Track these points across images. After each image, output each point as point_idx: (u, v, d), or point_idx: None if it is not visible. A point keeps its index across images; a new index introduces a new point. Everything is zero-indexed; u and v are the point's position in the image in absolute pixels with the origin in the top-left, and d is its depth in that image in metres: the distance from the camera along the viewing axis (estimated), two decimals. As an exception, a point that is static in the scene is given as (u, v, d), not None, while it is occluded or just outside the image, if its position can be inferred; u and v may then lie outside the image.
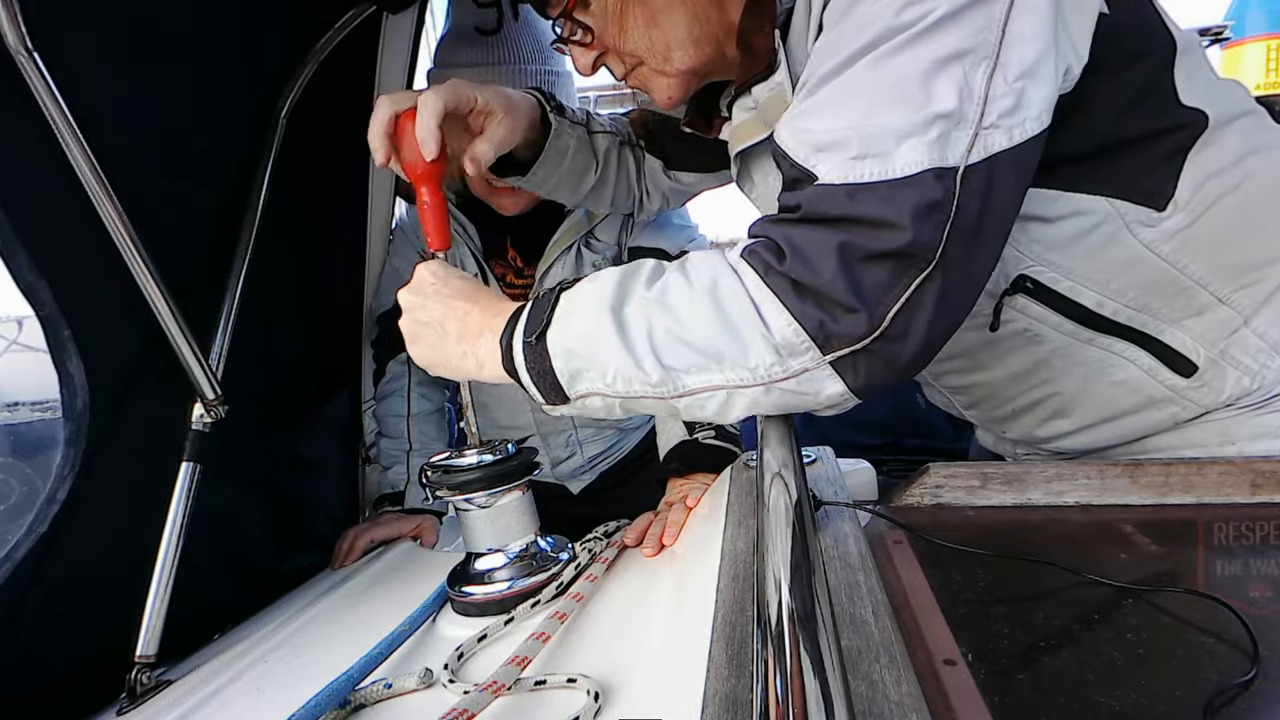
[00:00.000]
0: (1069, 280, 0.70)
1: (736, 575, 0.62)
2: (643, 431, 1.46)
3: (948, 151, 0.53)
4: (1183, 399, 0.73)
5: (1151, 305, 0.70)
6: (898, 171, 0.54)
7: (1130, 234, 0.67)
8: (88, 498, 0.76)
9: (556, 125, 0.93)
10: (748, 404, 0.60)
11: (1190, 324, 0.70)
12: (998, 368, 0.79)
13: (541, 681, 0.63)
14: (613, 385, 0.61)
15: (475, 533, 0.80)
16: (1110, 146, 0.66)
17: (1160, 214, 0.67)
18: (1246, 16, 4.54)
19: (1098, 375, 0.74)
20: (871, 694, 0.41)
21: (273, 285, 0.98)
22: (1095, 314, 0.71)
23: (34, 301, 0.71)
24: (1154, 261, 0.68)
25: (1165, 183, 0.66)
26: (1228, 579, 0.59)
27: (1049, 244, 0.69)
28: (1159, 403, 0.74)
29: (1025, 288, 0.71)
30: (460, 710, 0.56)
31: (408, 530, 1.17)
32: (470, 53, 1.13)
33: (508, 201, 1.22)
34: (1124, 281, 0.69)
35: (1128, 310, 0.70)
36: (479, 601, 0.78)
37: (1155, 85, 0.66)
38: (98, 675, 0.76)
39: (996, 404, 0.84)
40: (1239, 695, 0.44)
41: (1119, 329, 0.71)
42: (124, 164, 0.73)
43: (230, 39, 0.93)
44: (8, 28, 0.63)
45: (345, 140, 1.16)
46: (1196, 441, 0.75)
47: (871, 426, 1.99)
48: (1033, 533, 0.68)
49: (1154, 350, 0.71)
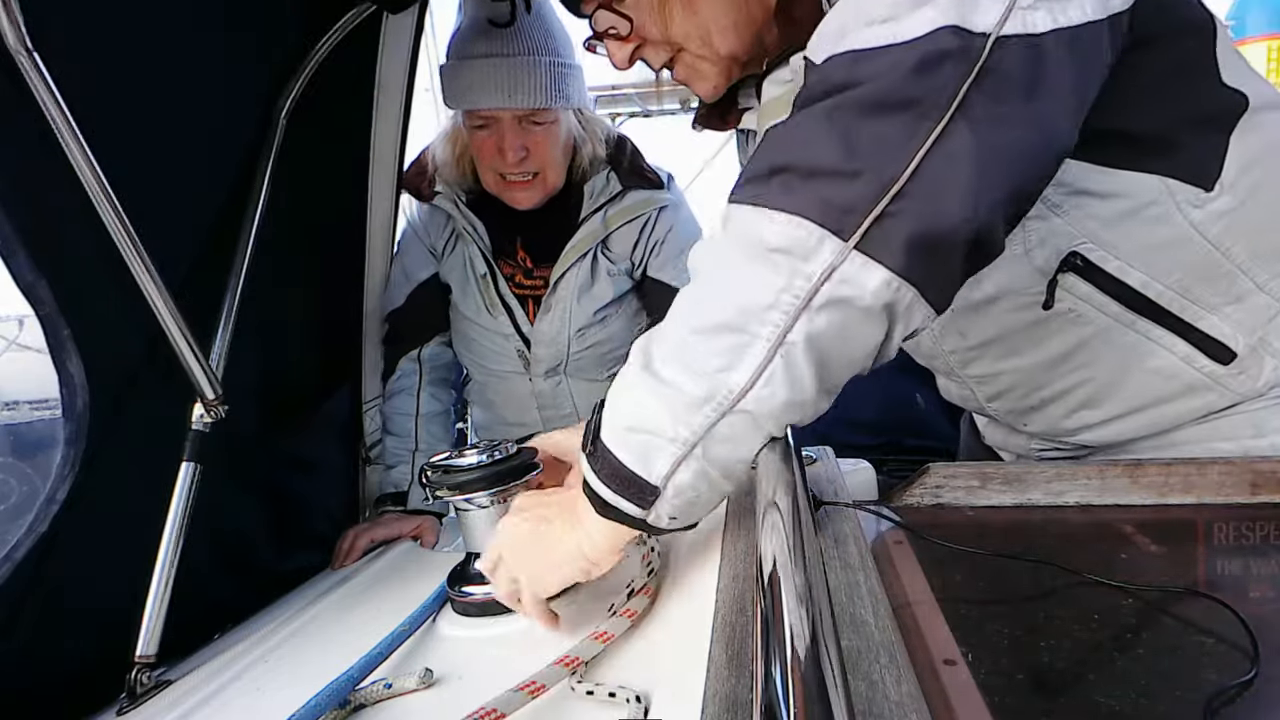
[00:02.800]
0: (1117, 259, 0.69)
1: (736, 575, 0.62)
2: None
3: (973, 17, 0.49)
4: (1220, 386, 0.72)
5: (1193, 290, 0.69)
6: (910, 33, 0.49)
7: (1180, 214, 0.67)
8: (88, 498, 0.76)
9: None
10: (805, 354, 0.51)
11: (1229, 310, 0.70)
12: (1033, 352, 0.78)
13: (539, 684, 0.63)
14: (678, 436, 0.53)
15: (475, 533, 0.80)
16: (1161, 123, 0.66)
17: (1208, 194, 0.66)
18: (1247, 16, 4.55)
19: (1133, 361, 0.73)
20: (871, 694, 0.41)
21: (273, 285, 0.98)
22: (1140, 295, 0.70)
23: (34, 301, 0.71)
24: (1200, 244, 0.68)
25: (1210, 163, 0.66)
26: (1228, 579, 0.59)
27: (1102, 221, 0.68)
28: (1195, 390, 0.73)
29: (1076, 265, 0.70)
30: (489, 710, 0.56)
31: (408, 530, 1.17)
32: (484, 44, 1.14)
33: (522, 195, 1.23)
34: (1170, 263, 0.69)
35: (1170, 293, 0.70)
36: (479, 601, 0.78)
37: (1200, 62, 0.66)
38: (98, 675, 0.76)
39: (1024, 393, 0.83)
40: (1239, 695, 0.44)
41: (1159, 313, 0.71)
42: (124, 164, 0.73)
43: (230, 39, 0.93)
44: (8, 28, 0.63)
45: (346, 140, 1.16)
46: (1226, 434, 0.74)
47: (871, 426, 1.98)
48: (1033, 533, 0.68)
49: (1191, 338, 0.71)
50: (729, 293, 0.52)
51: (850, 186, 0.48)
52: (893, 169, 0.48)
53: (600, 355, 1.36)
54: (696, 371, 0.53)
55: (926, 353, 0.89)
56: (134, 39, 0.79)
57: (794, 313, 0.50)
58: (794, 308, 0.50)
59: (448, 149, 1.27)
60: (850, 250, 0.48)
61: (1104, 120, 0.59)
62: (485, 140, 1.19)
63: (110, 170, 0.71)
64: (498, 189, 1.24)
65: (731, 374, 0.52)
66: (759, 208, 0.51)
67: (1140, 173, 0.67)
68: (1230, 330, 0.70)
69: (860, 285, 0.49)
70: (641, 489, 0.56)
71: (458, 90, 1.17)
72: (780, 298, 0.50)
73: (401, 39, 1.16)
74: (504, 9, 1.13)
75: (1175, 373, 0.73)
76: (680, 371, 0.53)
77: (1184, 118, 0.66)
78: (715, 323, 0.52)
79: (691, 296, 0.56)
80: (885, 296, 0.50)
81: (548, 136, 1.20)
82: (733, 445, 0.54)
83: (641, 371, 0.56)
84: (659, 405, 0.54)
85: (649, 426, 0.55)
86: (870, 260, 0.49)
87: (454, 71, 1.17)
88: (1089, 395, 0.78)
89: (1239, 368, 0.71)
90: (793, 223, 0.49)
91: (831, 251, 0.49)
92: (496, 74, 1.13)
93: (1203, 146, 0.67)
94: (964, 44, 0.49)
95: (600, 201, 1.28)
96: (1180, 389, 0.74)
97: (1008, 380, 0.83)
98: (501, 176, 1.21)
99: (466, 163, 1.28)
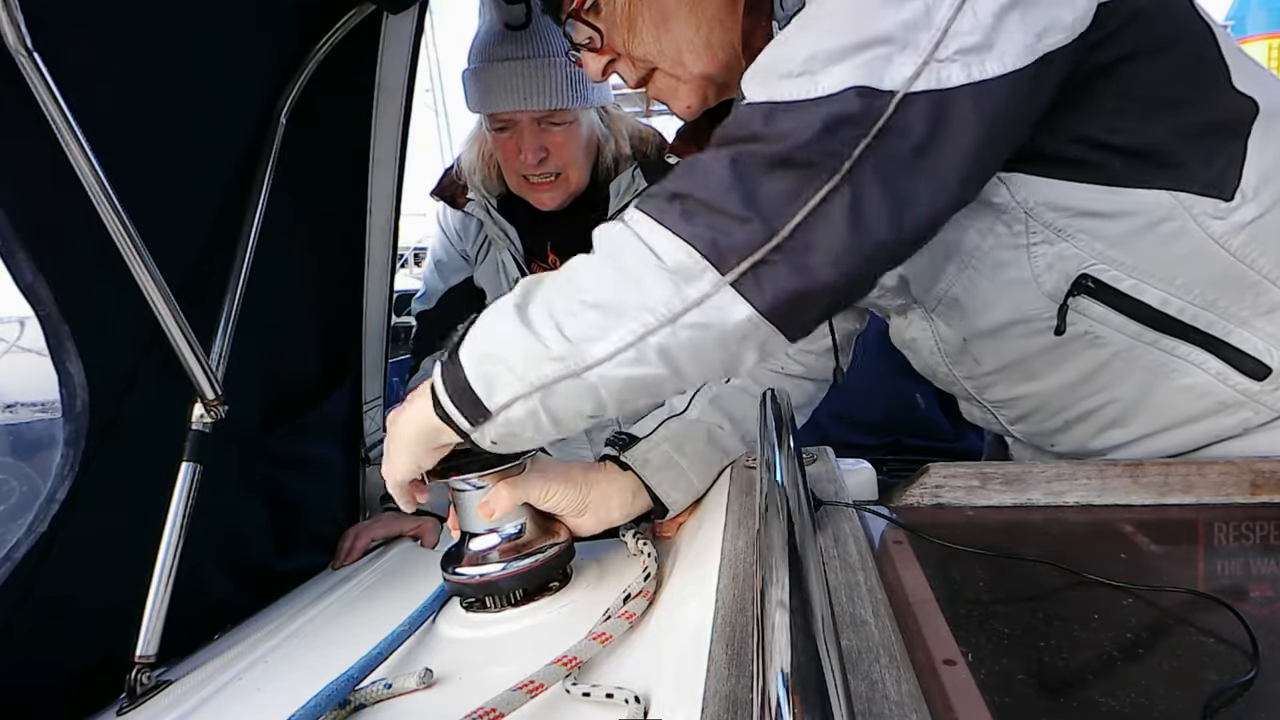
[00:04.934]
0: (1132, 278, 0.68)
1: (736, 575, 0.62)
2: None
3: (884, 75, 0.52)
4: (1256, 403, 0.71)
5: (1219, 303, 0.68)
6: (821, 90, 0.53)
7: (1198, 226, 0.65)
8: (87, 498, 0.76)
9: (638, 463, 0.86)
10: (659, 353, 0.57)
11: (1259, 324, 0.68)
12: (1052, 376, 0.77)
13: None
14: (524, 377, 0.59)
15: (470, 514, 0.79)
16: (1163, 136, 0.64)
17: (1228, 204, 0.65)
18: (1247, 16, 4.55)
19: (1161, 380, 0.72)
20: (871, 694, 0.41)
21: (273, 285, 0.98)
22: (1160, 313, 0.68)
23: (34, 301, 0.71)
24: (1221, 256, 0.66)
25: (1228, 172, 0.65)
26: (1228, 579, 0.59)
27: (1111, 241, 0.67)
28: (1229, 408, 0.71)
29: (1087, 288, 0.69)
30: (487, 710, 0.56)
31: (408, 529, 1.17)
32: (501, 48, 1.15)
33: (545, 196, 1.24)
34: (1190, 277, 0.67)
35: (1194, 309, 0.68)
36: (472, 583, 0.78)
37: (1203, 69, 0.65)
38: (98, 675, 0.76)
39: (1047, 415, 0.81)
40: (1239, 695, 0.44)
41: (1184, 329, 0.69)
42: (124, 164, 0.73)
43: (230, 39, 0.93)
44: (8, 28, 0.63)
45: (346, 140, 1.16)
46: (1264, 449, 0.72)
47: (871, 427, 1.98)
48: (1033, 533, 0.68)
49: (1223, 354, 0.69)
50: (617, 283, 0.57)
51: (739, 230, 0.53)
52: (777, 223, 0.53)
53: None
54: (563, 333, 0.58)
55: (944, 379, 0.88)
56: (134, 39, 0.79)
57: (663, 321, 0.56)
58: (665, 318, 0.56)
59: (473, 152, 1.30)
60: (725, 285, 0.54)
61: (1100, 137, 0.59)
62: (506, 142, 1.21)
63: (110, 170, 0.71)
64: (521, 190, 1.25)
65: (592, 346, 0.57)
66: (660, 224, 0.56)
67: (1147, 189, 0.65)
68: (1263, 344, 0.68)
69: (725, 315, 0.55)
70: (477, 408, 0.62)
71: (477, 94, 1.19)
72: (656, 306, 0.56)
73: (401, 39, 1.16)
74: (520, 12, 1.13)
75: (1208, 390, 0.71)
76: (549, 326, 0.59)
77: (1189, 128, 0.65)
78: (595, 300, 0.58)
79: (585, 269, 0.60)
80: (745, 330, 0.56)
81: (568, 136, 1.20)
82: (569, 401, 0.60)
83: (515, 310, 0.61)
84: (519, 346, 0.59)
85: (503, 360, 0.60)
86: (739, 296, 0.54)
87: (473, 76, 1.18)
88: (1116, 415, 0.76)
89: (1275, 383, 0.69)
90: (684, 249, 0.54)
91: (710, 283, 0.54)
92: (512, 77, 1.14)
93: (1216, 156, 0.65)
94: (866, 106, 0.52)
95: (627, 199, 1.29)
96: (1213, 406, 0.72)
97: (1029, 404, 0.82)
98: (525, 178, 1.23)
99: (493, 165, 1.30)
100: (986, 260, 0.72)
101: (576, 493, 0.80)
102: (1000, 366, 0.80)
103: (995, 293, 0.74)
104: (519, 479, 0.78)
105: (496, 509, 0.76)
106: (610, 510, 0.83)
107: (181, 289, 0.79)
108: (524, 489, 0.78)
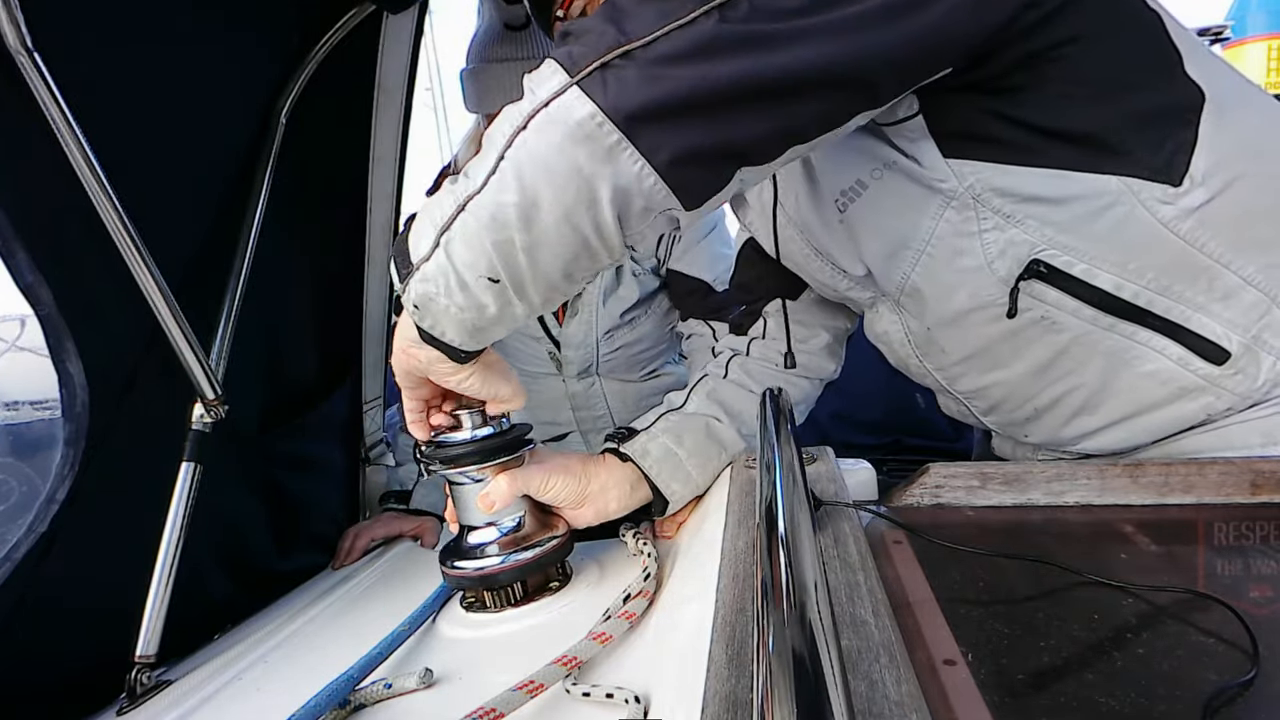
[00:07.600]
0: (1084, 263, 0.69)
1: (736, 575, 0.62)
2: None
3: None
4: (1217, 388, 0.71)
5: (1174, 288, 0.68)
6: None
7: (1147, 211, 0.66)
8: (87, 498, 0.76)
9: (638, 454, 0.87)
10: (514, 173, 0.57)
11: (1218, 309, 0.69)
12: (1016, 363, 0.78)
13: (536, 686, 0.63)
14: (435, 220, 0.61)
15: (469, 507, 0.79)
16: (1109, 122, 0.65)
17: (1177, 189, 0.65)
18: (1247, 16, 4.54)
19: (1122, 367, 0.73)
20: (871, 694, 0.41)
21: (273, 285, 0.98)
22: (1114, 298, 0.69)
23: (34, 301, 0.71)
24: (1171, 240, 0.66)
25: (1176, 158, 0.65)
26: (1228, 579, 0.59)
27: (1060, 226, 0.68)
28: (1191, 393, 0.72)
29: (1039, 272, 0.69)
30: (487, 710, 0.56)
31: (408, 529, 1.17)
32: (500, 49, 1.15)
33: None
34: (1142, 262, 0.68)
35: (1149, 294, 0.69)
36: (470, 576, 0.77)
37: (1150, 56, 0.65)
38: (98, 675, 0.76)
39: (1016, 404, 0.82)
40: (1239, 695, 0.44)
41: (1140, 314, 0.69)
42: (124, 164, 0.73)
43: (230, 39, 0.93)
44: (8, 28, 0.63)
45: (346, 140, 1.16)
46: (1238, 443, 0.73)
47: (871, 426, 1.99)
48: (1033, 533, 0.68)
49: (1182, 340, 0.70)
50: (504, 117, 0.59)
51: (595, 40, 0.55)
52: (636, 33, 0.54)
53: (632, 356, 1.37)
54: (467, 173, 0.60)
55: (918, 373, 0.89)
56: (134, 39, 0.79)
57: (516, 129, 0.57)
58: (518, 125, 0.57)
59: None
60: (572, 84, 0.55)
61: (1047, 123, 0.59)
62: None
63: (110, 170, 0.71)
64: None
65: (477, 176, 0.59)
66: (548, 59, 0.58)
67: (1095, 174, 0.65)
68: (1221, 329, 0.69)
69: (568, 112, 0.55)
70: (406, 262, 0.64)
71: (475, 95, 1.18)
72: (516, 118, 0.58)
73: (401, 39, 1.16)
74: (519, 13, 1.13)
75: (1170, 376, 0.72)
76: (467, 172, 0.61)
77: (1137, 114, 0.65)
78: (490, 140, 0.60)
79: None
80: (589, 128, 0.55)
81: None
82: (463, 250, 0.60)
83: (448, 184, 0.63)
84: (445, 198, 0.61)
85: (431, 213, 0.62)
86: (584, 95, 0.55)
87: (471, 76, 1.18)
88: (1082, 402, 0.77)
89: (1234, 367, 0.70)
90: (548, 65, 0.57)
91: (558, 83, 0.56)
92: (511, 77, 1.14)
93: (1164, 141, 0.65)
94: None
95: None
96: (1176, 392, 0.73)
97: (998, 393, 0.83)
98: None
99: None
100: (941, 247, 0.74)
101: (576, 484, 0.80)
102: (966, 355, 0.81)
103: (953, 280, 0.75)
104: (518, 471, 0.78)
105: (496, 500, 0.76)
106: (609, 502, 0.83)
107: (181, 289, 0.79)
108: (523, 480, 0.78)
